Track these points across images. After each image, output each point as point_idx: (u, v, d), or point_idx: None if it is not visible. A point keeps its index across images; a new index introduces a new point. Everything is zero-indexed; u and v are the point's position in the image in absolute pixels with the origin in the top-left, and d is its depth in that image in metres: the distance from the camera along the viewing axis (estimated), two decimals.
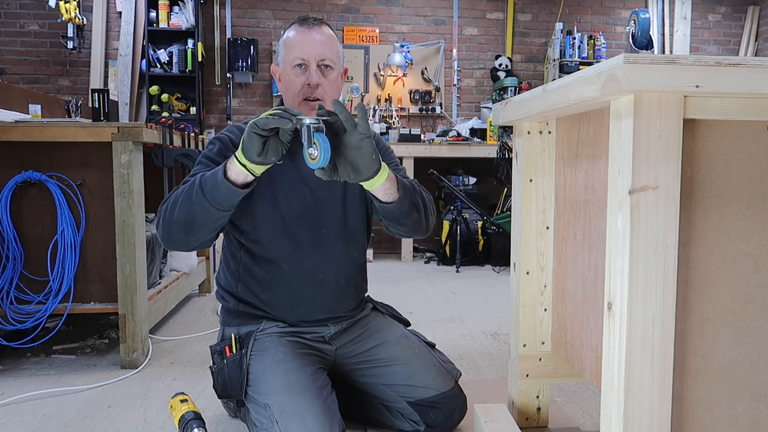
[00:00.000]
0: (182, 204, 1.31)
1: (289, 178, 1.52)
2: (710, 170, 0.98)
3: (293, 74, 1.50)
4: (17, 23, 5.12)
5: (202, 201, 1.28)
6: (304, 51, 1.49)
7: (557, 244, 1.48)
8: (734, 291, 1.00)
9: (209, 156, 1.49)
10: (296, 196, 1.52)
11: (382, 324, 1.67)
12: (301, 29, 1.51)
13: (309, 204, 1.53)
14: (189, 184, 1.34)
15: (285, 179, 1.52)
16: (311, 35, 1.50)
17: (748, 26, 5.77)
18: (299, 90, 1.50)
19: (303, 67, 1.49)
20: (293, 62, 1.50)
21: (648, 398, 0.95)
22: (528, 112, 1.33)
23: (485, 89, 5.65)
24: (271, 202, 1.51)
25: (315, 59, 1.49)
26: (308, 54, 1.49)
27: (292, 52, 1.50)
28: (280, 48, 1.55)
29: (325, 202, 1.55)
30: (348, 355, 1.60)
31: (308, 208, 1.53)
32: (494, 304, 3.22)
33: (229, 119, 5.35)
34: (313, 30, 1.51)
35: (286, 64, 1.52)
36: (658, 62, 0.87)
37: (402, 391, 1.55)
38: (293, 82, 1.50)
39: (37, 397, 1.89)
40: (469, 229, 4.44)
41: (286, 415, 1.35)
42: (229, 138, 1.52)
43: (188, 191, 1.31)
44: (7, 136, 2.05)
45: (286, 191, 1.52)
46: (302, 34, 1.51)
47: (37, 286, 2.14)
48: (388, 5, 5.48)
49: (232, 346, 1.53)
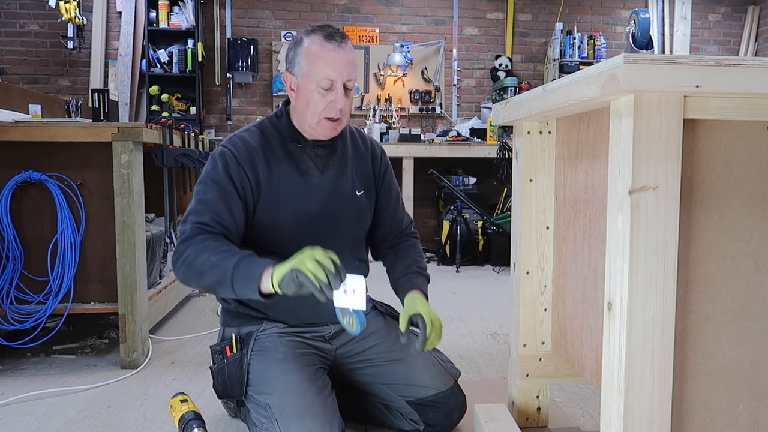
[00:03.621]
0: (207, 273, 1.32)
1: (296, 187, 1.51)
2: (710, 170, 0.98)
3: (317, 93, 1.43)
4: (17, 23, 5.11)
5: (225, 284, 1.30)
6: (333, 72, 1.42)
7: (557, 244, 1.48)
8: (734, 291, 1.00)
9: (216, 179, 1.44)
10: (303, 206, 1.51)
11: (381, 323, 1.67)
12: (330, 46, 1.42)
13: (315, 215, 1.53)
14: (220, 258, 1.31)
15: (291, 188, 1.51)
16: (341, 55, 1.42)
17: (748, 26, 5.77)
18: (322, 109, 1.44)
19: (330, 88, 1.43)
20: (320, 82, 1.42)
21: (648, 398, 0.95)
22: (528, 112, 1.33)
23: (485, 89, 5.65)
24: (277, 212, 1.50)
25: (342, 80, 1.43)
26: (337, 75, 1.42)
27: (320, 71, 1.41)
28: (301, 59, 1.44)
29: (332, 214, 1.55)
30: (348, 354, 1.60)
31: (316, 219, 1.53)
32: (494, 304, 3.22)
33: (229, 119, 5.35)
34: (342, 48, 1.43)
35: (308, 80, 1.43)
36: (658, 62, 0.87)
37: (401, 390, 1.55)
38: (316, 101, 1.44)
39: (37, 397, 1.89)
40: (469, 229, 4.44)
41: (286, 415, 1.35)
42: (232, 153, 1.47)
43: (216, 267, 1.30)
44: (7, 136, 2.05)
45: (293, 201, 1.51)
46: (332, 53, 1.42)
47: (37, 286, 2.14)
48: (388, 5, 5.48)
49: (232, 346, 1.53)
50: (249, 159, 1.47)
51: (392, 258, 1.68)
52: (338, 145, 1.58)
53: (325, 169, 1.55)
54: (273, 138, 1.53)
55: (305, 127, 1.50)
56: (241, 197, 1.45)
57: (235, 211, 1.44)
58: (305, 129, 1.51)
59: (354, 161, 1.61)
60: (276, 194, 1.49)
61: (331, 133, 1.49)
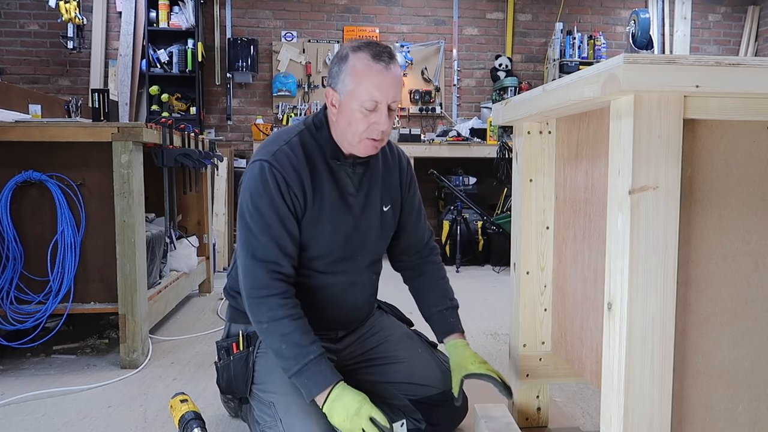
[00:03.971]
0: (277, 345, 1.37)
1: (336, 206, 1.48)
2: (710, 170, 0.98)
3: (360, 113, 1.38)
4: (17, 23, 5.11)
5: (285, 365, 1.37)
6: (380, 93, 1.37)
7: (557, 244, 1.48)
8: (734, 291, 1.00)
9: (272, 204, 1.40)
10: (340, 225, 1.49)
11: (385, 323, 1.68)
12: (377, 67, 1.36)
13: (350, 233, 1.51)
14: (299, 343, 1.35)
15: (332, 208, 1.47)
16: (388, 76, 1.37)
17: (748, 26, 5.77)
18: (364, 130, 1.40)
19: (374, 107, 1.38)
20: (364, 103, 1.37)
21: (648, 398, 0.95)
22: (528, 112, 1.33)
23: (485, 89, 5.65)
24: (317, 230, 1.47)
25: (388, 102, 1.39)
26: (382, 96, 1.37)
27: (365, 91, 1.36)
28: (346, 77, 1.38)
29: (363, 232, 1.53)
30: (352, 353, 1.61)
31: (349, 237, 1.51)
32: (494, 304, 3.22)
33: (229, 119, 5.35)
34: (390, 69, 1.38)
35: (352, 99, 1.38)
36: (658, 62, 0.87)
37: (404, 389, 1.56)
38: (359, 121, 1.39)
39: (37, 397, 1.89)
40: (469, 229, 4.44)
41: (290, 415, 1.36)
42: (282, 175, 1.40)
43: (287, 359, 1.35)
44: (7, 136, 2.05)
45: (333, 221, 1.48)
46: (379, 74, 1.36)
47: (37, 286, 2.14)
48: (388, 5, 5.48)
49: (239, 343, 1.53)
50: (298, 180, 1.42)
51: (419, 285, 1.67)
52: (372, 161, 1.54)
53: (360, 186, 1.52)
54: (315, 153, 1.47)
55: (344, 144, 1.46)
56: (295, 218, 1.43)
57: (294, 233, 1.43)
58: (344, 145, 1.46)
59: (383, 176, 1.58)
60: (319, 214, 1.46)
61: (372, 151, 1.45)
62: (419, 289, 1.66)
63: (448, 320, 1.60)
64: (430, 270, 1.67)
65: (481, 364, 1.48)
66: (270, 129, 4.91)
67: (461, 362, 1.49)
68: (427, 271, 1.67)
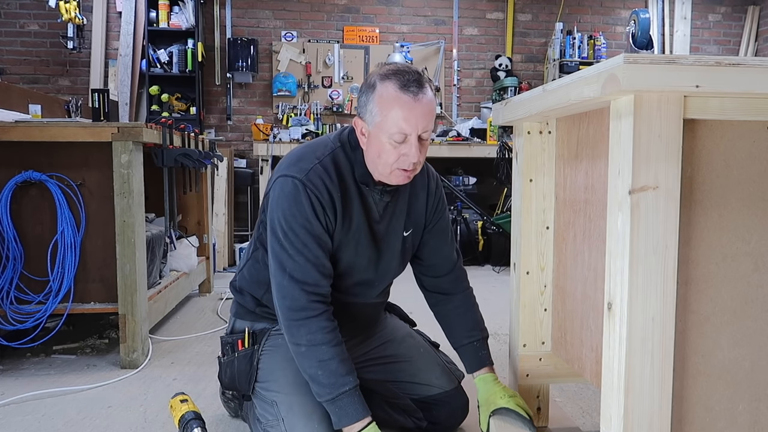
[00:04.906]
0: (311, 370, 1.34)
1: (362, 230, 1.46)
2: (710, 170, 0.98)
3: (389, 145, 1.33)
4: (17, 23, 5.11)
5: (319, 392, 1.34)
6: (408, 126, 1.31)
7: (557, 244, 1.48)
8: (734, 291, 1.00)
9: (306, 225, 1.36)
10: (363, 249, 1.47)
11: (388, 323, 1.69)
12: (406, 98, 1.30)
13: (372, 258, 1.50)
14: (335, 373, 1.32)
15: (358, 232, 1.45)
16: (418, 107, 1.30)
17: (748, 26, 5.77)
18: (394, 161, 1.35)
19: (403, 140, 1.33)
20: (392, 135, 1.31)
21: (648, 398, 0.95)
22: (528, 112, 1.33)
23: (485, 89, 5.65)
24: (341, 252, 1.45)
25: (417, 132, 1.33)
26: (411, 129, 1.31)
27: (394, 124, 1.31)
28: (373, 107, 1.33)
29: (385, 259, 1.52)
30: (355, 353, 1.61)
31: (369, 260, 1.49)
32: (494, 304, 3.22)
33: (229, 119, 5.34)
34: (419, 100, 1.31)
35: (381, 131, 1.33)
36: (658, 62, 0.87)
37: (406, 388, 1.56)
38: (388, 153, 1.34)
39: (37, 397, 1.89)
40: (469, 229, 4.44)
41: (293, 415, 1.36)
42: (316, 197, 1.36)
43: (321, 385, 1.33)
44: (7, 136, 2.05)
45: (357, 244, 1.46)
46: (407, 106, 1.30)
47: (37, 286, 2.14)
48: (388, 5, 5.48)
49: (244, 340, 1.53)
50: (330, 202, 1.39)
51: (448, 312, 1.61)
52: (402, 188, 1.49)
53: (384, 212, 1.49)
54: (347, 174, 1.43)
55: (375, 173, 1.41)
56: (330, 236, 1.41)
57: (328, 253, 1.41)
58: (375, 174, 1.42)
59: (410, 202, 1.54)
60: (345, 236, 1.44)
61: (404, 181, 1.40)
62: (449, 318, 1.61)
63: (478, 354, 1.55)
64: (460, 297, 1.61)
65: (510, 398, 1.44)
66: (270, 129, 4.90)
67: (490, 397, 1.46)
68: (456, 297, 1.61)
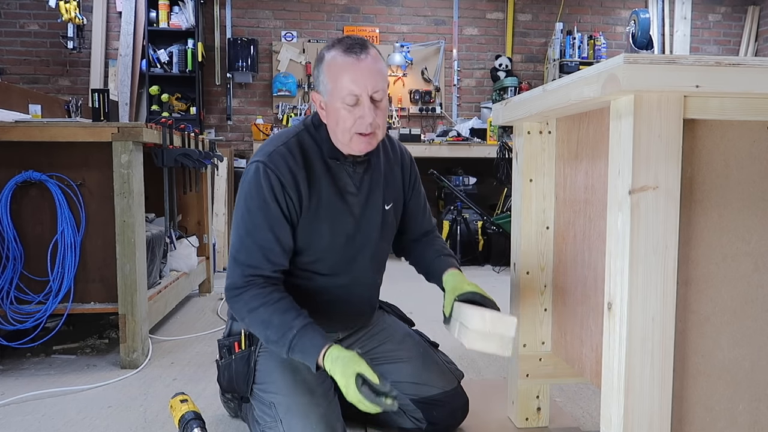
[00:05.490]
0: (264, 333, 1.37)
1: (335, 206, 1.47)
2: (710, 170, 0.98)
3: (344, 110, 1.37)
4: (17, 23, 5.11)
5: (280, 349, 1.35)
6: (356, 86, 1.35)
7: (557, 244, 1.48)
8: (734, 291, 1.00)
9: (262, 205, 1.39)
10: (340, 226, 1.48)
11: (387, 323, 1.69)
12: (350, 60, 1.35)
13: (351, 234, 1.50)
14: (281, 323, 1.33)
15: (330, 208, 1.47)
16: (362, 66, 1.35)
17: (748, 26, 5.77)
18: (351, 125, 1.38)
19: (355, 102, 1.36)
20: (344, 98, 1.35)
21: (648, 398, 0.95)
22: (528, 112, 1.33)
23: (485, 89, 5.65)
24: (315, 231, 1.46)
25: (368, 93, 1.36)
26: (360, 88, 1.35)
27: (343, 87, 1.35)
28: (323, 77, 1.39)
29: (364, 231, 1.52)
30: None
31: (350, 237, 1.50)
32: None
33: (229, 119, 5.35)
34: (363, 59, 1.36)
35: (333, 98, 1.37)
36: (658, 62, 0.87)
37: (406, 388, 1.56)
38: (345, 119, 1.37)
39: (37, 397, 1.89)
40: (469, 229, 4.44)
41: (291, 415, 1.36)
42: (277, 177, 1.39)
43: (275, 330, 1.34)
44: (7, 136, 2.05)
45: (332, 221, 1.47)
46: (352, 66, 1.35)
47: (37, 286, 2.14)
48: (388, 5, 5.48)
49: (241, 342, 1.53)
50: (294, 182, 1.41)
51: (419, 249, 1.68)
52: (373, 159, 1.53)
53: (360, 185, 1.50)
54: (313, 153, 1.46)
55: (339, 145, 1.44)
56: (288, 221, 1.42)
57: (284, 238, 1.41)
58: (340, 146, 1.45)
59: (386, 174, 1.57)
60: (316, 214, 1.45)
61: (366, 147, 1.42)
62: (420, 254, 1.66)
63: (447, 261, 1.59)
64: (430, 238, 1.70)
65: (475, 286, 1.46)
66: (270, 129, 4.91)
67: (456, 285, 1.48)
68: (427, 239, 1.69)
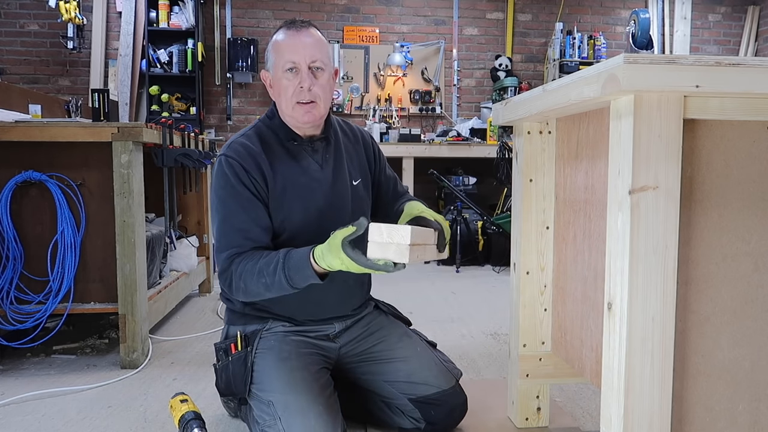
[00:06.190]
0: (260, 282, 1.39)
1: (302, 184, 1.53)
2: (710, 170, 0.98)
3: (285, 79, 1.48)
4: (17, 23, 5.12)
5: (281, 283, 1.36)
6: (295, 54, 1.47)
7: (557, 244, 1.48)
8: (734, 291, 1.00)
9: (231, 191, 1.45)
10: (311, 202, 1.53)
11: (384, 322, 1.68)
12: (289, 32, 1.49)
13: (323, 209, 1.54)
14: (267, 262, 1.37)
15: (296, 187, 1.52)
16: (300, 38, 1.48)
17: (748, 26, 5.77)
18: (292, 94, 1.48)
19: (294, 70, 1.47)
20: (284, 66, 1.47)
21: (648, 398, 0.95)
22: (528, 112, 1.33)
23: (485, 89, 5.65)
24: (286, 210, 1.51)
25: (306, 62, 1.47)
26: (298, 57, 1.46)
27: (282, 57, 1.48)
28: (269, 54, 1.53)
29: (336, 205, 1.57)
30: (351, 352, 1.61)
31: (322, 212, 1.54)
32: (494, 304, 3.22)
33: (229, 119, 5.35)
34: (302, 32, 1.49)
35: (276, 69, 1.49)
36: (658, 62, 0.87)
37: (403, 387, 1.56)
38: (286, 88, 1.48)
39: (37, 397, 1.89)
40: (469, 229, 4.44)
41: (289, 413, 1.36)
42: (237, 161, 1.47)
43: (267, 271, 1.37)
44: (7, 136, 2.05)
45: (301, 198, 1.52)
46: (291, 38, 1.48)
47: (37, 286, 2.14)
48: (388, 5, 5.48)
49: (237, 344, 1.53)
50: (255, 165, 1.48)
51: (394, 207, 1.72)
52: (332, 137, 1.60)
53: (324, 162, 1.57)
54: (270, 139, 1.55)
55: (288, 119, 1.53)
56: (261, 201, 1.48)
57: (260, 217, 1.47)
58: (291, 123, 1.53)
59: (348, 152, 1.65)
60: (283, 194, 1.50)
61: (307, 117, 1.49)
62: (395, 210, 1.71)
63: (407, 198, 1.69)
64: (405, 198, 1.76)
65: (426, 210, 1.52)
66: None
67: (408, 212, 1.54)
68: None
